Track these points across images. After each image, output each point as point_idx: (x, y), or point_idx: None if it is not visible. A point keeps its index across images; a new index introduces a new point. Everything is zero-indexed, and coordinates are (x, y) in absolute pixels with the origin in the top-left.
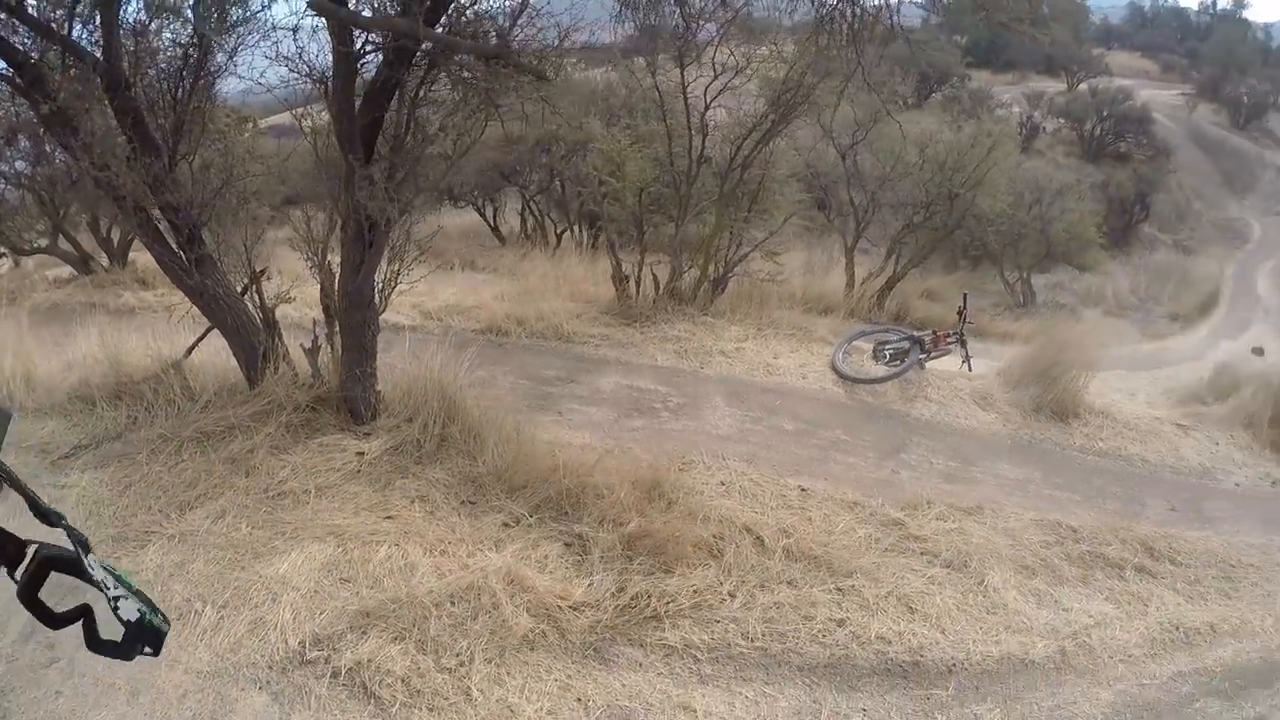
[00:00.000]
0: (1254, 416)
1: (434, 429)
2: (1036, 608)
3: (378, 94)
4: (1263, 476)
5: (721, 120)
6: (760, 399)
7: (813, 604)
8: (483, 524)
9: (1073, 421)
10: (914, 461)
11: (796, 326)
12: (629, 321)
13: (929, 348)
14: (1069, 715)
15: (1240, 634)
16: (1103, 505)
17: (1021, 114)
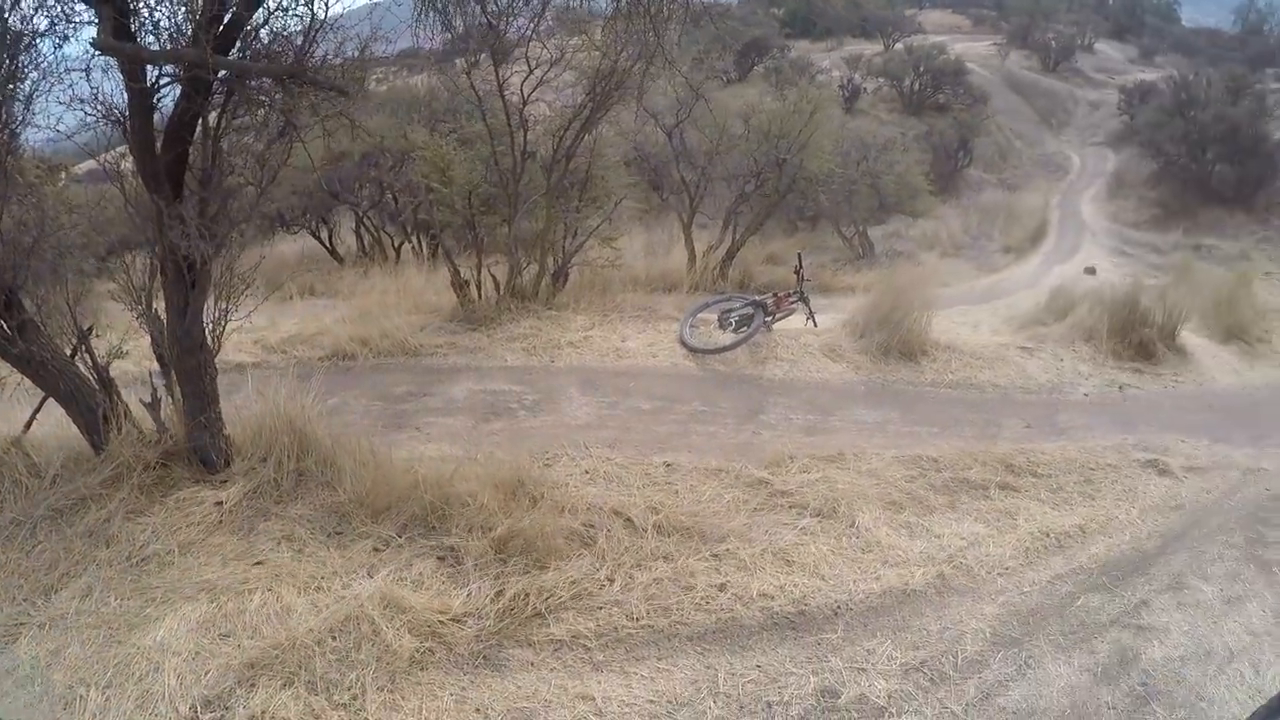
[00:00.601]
0: (1093, 330)
1: (289, 465)
2: (910, 539)
3: (179, 128)
4: (1109, 384)
5: (542, 114)
6: (614, 383)
7: (691, 574)
8: (352, 553)
9: (921, 360)
10: (773, 421)
11: (641, 308)
12: (474, 326)
13: (773, 310)
14: (957, 634)
15: (1108, 530)
16: (960, 434)
17: (842, 77)
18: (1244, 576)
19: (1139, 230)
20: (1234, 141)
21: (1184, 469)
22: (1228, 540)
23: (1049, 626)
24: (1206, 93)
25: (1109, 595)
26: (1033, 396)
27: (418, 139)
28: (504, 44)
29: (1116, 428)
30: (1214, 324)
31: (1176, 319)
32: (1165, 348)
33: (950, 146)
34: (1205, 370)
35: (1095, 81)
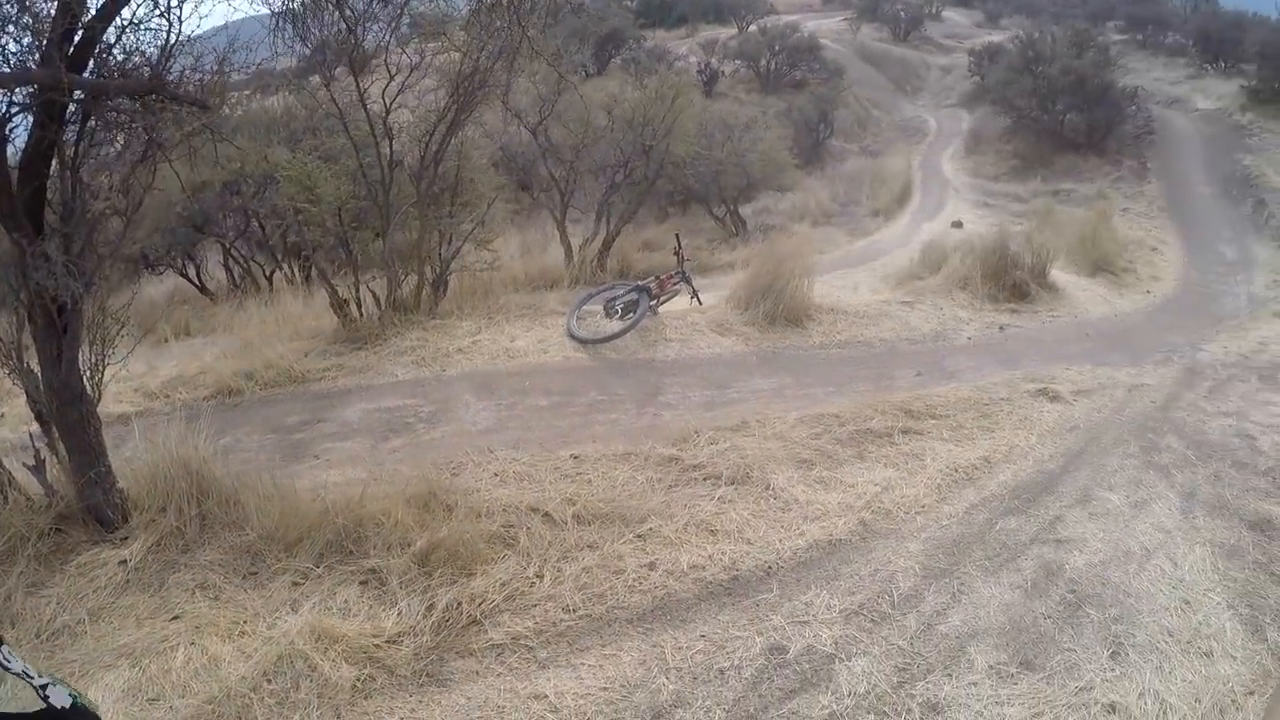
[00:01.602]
0: (967, 278)
1: (190, 511)
2: (825, 493)
3: (34, 160)
4: (989, 326)
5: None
6: (509, 384)
7: (619, 558)
8: (271, 590)
9: (807, 324)
10: (672, 401)
11: (526, 307)
12: (359, 345)
13: (656, 293)
14: (888, 574)
15: (1012, 457)
16: (856, 389)
17: (699, 63)
18: (1145, 482)
19: (999, 182)
20: (1081, 92)
21: (1073, 393)
22: (1125, 452)
23: (973, 553)
24: (1052, 49)
25: (1024, 517)
26: (919, 346)
27: (279, 159)
28: (363, 53)
29: (1003, 365)
30: (1080, 260)
31: (1045, 259)
32: (1038, 287)
33: (811, 120)
34: (1078, 303)
35: (945, 47)
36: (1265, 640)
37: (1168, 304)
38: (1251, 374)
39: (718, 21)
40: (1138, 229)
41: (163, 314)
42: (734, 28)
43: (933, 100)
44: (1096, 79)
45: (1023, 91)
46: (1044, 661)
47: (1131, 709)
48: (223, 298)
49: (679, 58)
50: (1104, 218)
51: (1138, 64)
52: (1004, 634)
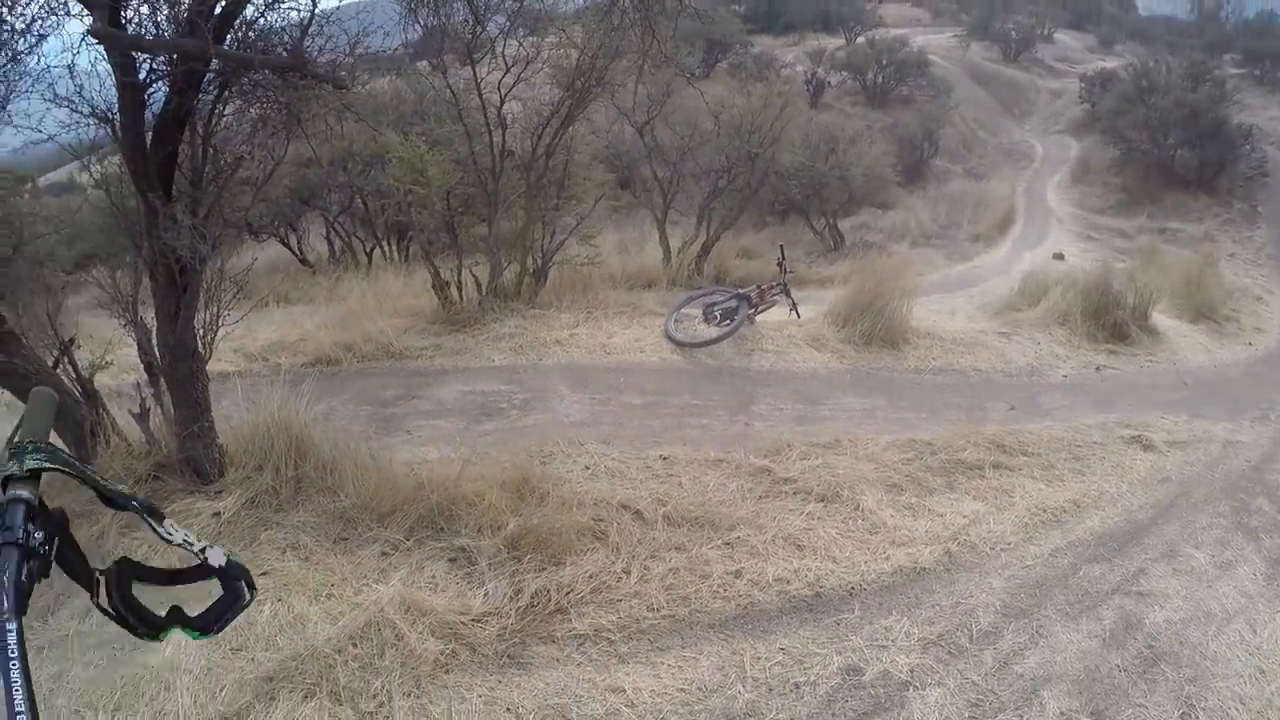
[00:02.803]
0: (1066, 314)
1: (287, 473)
2: (914, 520)
3: (170, 125)
4: (1085, 365)
5: (519, 113)
6: (604, 380)
7: (706, 562)
8: (361, 558)
9: (903, 347)
10: (764, 412)
11: (624, 304)
12: (458, 327)
13: (756, 302)
14: (969, 607)
15: (1101, 503)
16: (948, 417)
17: (806, 72)
18: (1233, 543)
19: (1104, 215)
20: (1194, 126)
21: (1167, 443)
22: (1215, 509)
23: (1055, 597)
24: (1166, 79)
25: (1108, 565)
26: (1014, 379)
27: (390, 142)
28: (481, 42)
29: (1097, 407)
30: (1183, 304)
31: (1147, 300)
32: (1138, 329)
33: (915, 138)
34: (1177, 349)
35: (1056, 71)
36: None
37: (1270, 357)
38: None
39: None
40: (1244, 276)
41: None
42: (842, 38)
43: (1040, 125)
44: (1211, 114)
45: (1134, 122)
46: (1115, 714)
47: None
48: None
49: (785, 65)
50: (1210, 261)
51: (1254, 100)
52: (1078, 681)
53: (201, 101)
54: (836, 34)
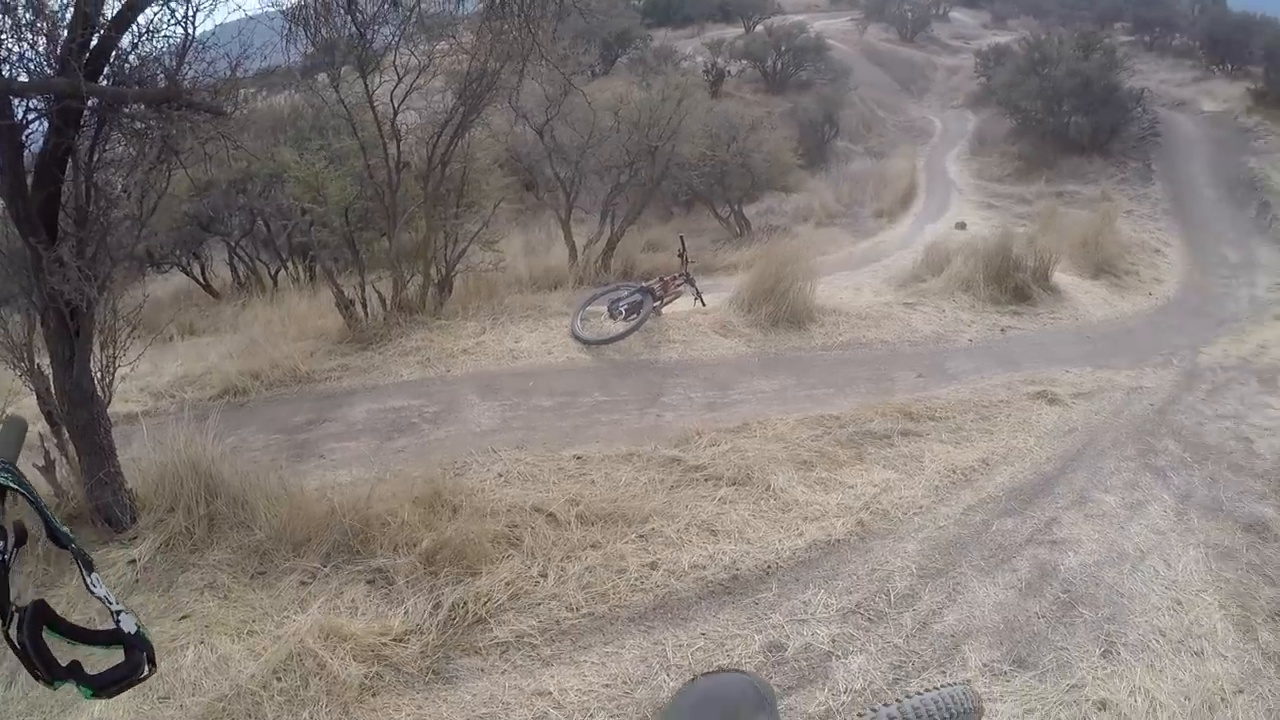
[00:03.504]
0: (969, 281)
1: (199, 512)
2: (825, 494)
3: (50, 165)
4: (990, 328)
5: (413, 123)
6: (513, 385)
7: (621, 557)
8: (279, 590)
9: (809, 326)
10: (674, 402)
11: (530, 307)
12: (365, 345)
13: (660, 294)
14: (885, 573)
15: (1010, 459)
16: (857, 390)
17: (706, 62)
18: (1142, 484)
19: (1003, 184)
20: (1087, 93)
21: (1072, 396)
22: (1122, 454)
23: (970, 554)
24: (1058, 50)
25: (1020, 518)
26: (920, 348)
27: (287, 160)
28: (371, 54)
29: (1003, 367)
30: (1083, 262)
31: (1047, 261)
32: (1040, 289)
33: (816, 121)
34: (1080, 305)
35: (952, 48)
36: (1256, 640)
37: (1169, 307)
38: (1251, 377)
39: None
40: (1141, 231)
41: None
42: (741, 27)
43: (938, 101)
44: (1102, 81)
45: (1028, 93)
46: (1037, 660)
47: (1122, 706)
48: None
49: (685, 57)
50: (1108, 220)
51: (1144, 66)
52: (998, 633)
53: (81, 139)
54: (735, 23)
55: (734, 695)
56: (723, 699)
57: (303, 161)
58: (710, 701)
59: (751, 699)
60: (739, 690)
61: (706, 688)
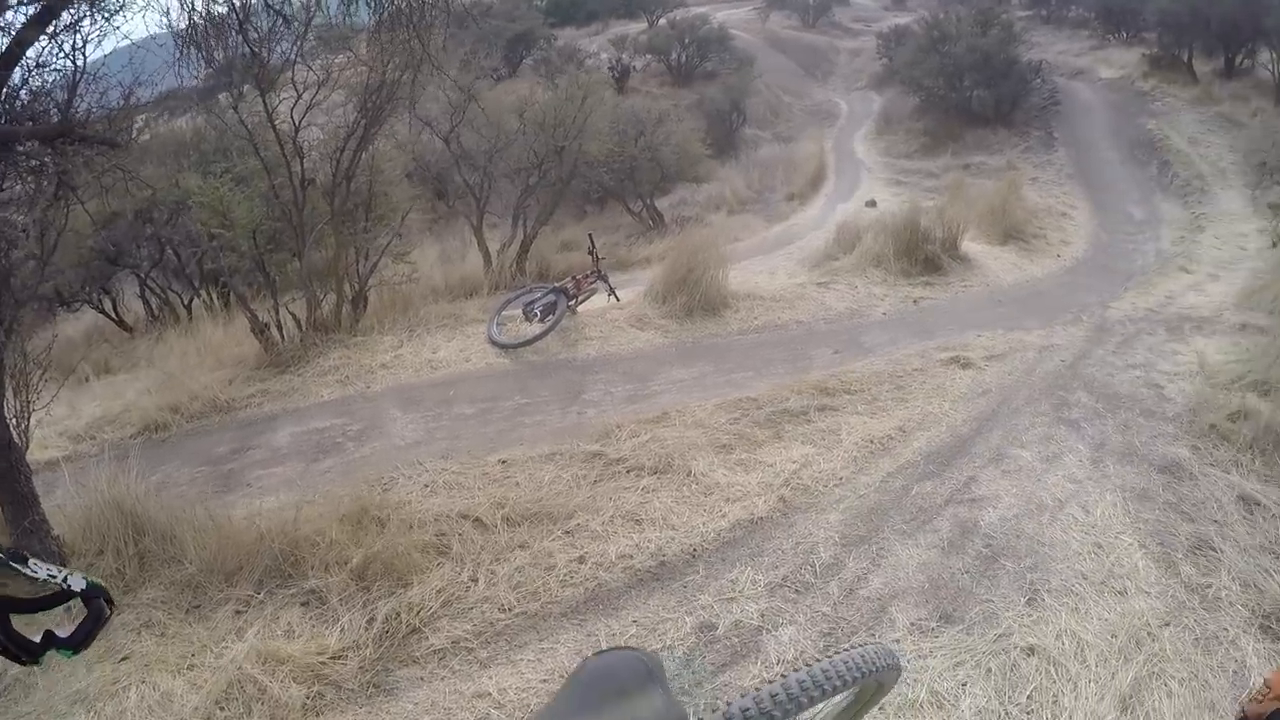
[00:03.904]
0: (880, 256)
1: (128, 551)
2: (746, 474)
3: None
4: (903, 300)
5: (316, 139)
6: (434, 396)
7: (549, 555)
8: (215, 622)
9: (725, 312)
10: (595, 398)
11: (447, 316)
12: (283, 368)
13: (574, 293)
14: (809, 545)
15: (926, 425)
16: (774, 372)
17: (611, 59)
18: (1057, 437)
19: (911, 160)
20: (987, 68)
21: (984, 359)
22: (1036, 410)
23: (891, 519)
24: (957, 28)
25: (938, 480)
26: (836, 325)
27: (191, 185)
28: (269, 72)
29: (917, 337)
30: (991, 230)
31: (955, 231)
32: (950, 259)
33: (723, 111)
34: (990, 272)
35: (853, 31)
36: (1178, 574)
37: (1078, 266)
38: (1159, 326)
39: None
40: (1047, 196)
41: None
42: (644, 22)
43: (843, 84)
44: (1001, 55)
45: (930, 71)
46: (963, 614)
47: (1050, 650)
48: (142, 331)
49: (590, 55)
50: (1013, 187)
51: (1042, 38)
52: (923, 592)
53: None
54: (639, 19)
55: (623, 672)
56: (613, 676)
57: (207, 186)
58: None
59: (640, 673)
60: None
61: (596, 667)
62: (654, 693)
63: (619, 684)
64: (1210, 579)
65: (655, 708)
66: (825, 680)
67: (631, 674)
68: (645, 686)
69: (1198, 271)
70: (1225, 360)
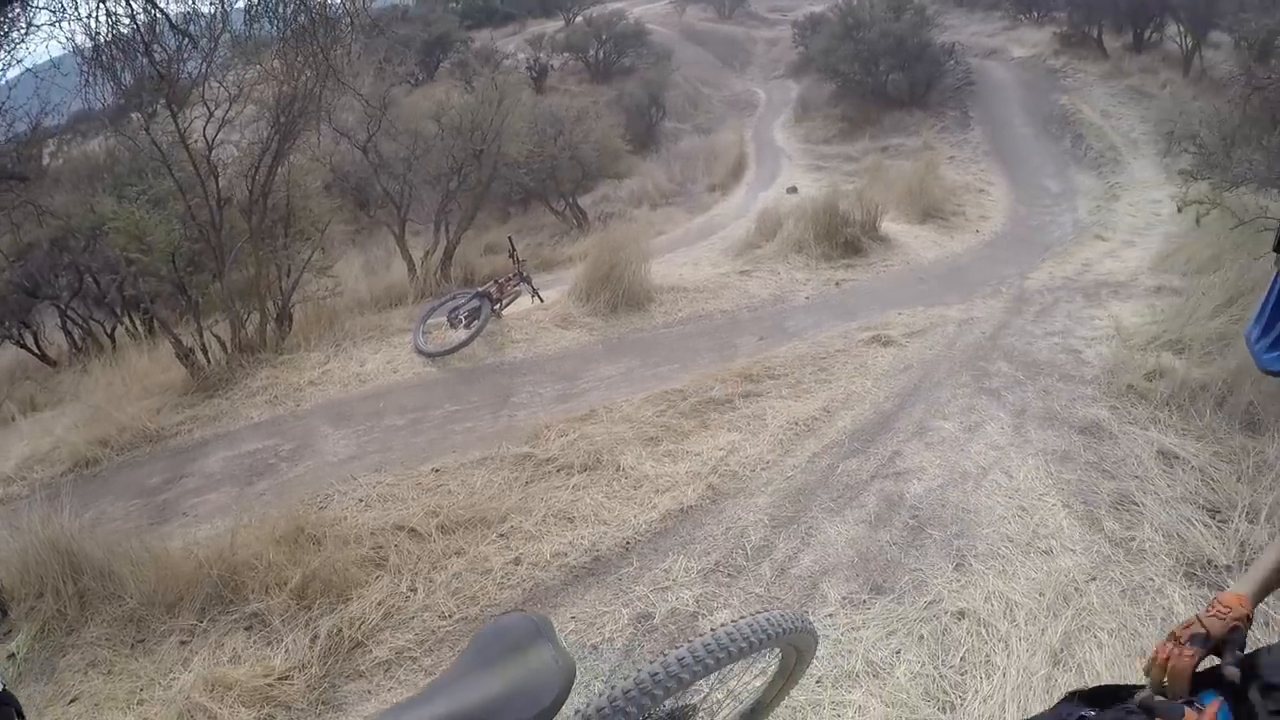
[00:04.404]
0: (802, 241)
1: (68, 592)
2: (674, 465)
3: None
4: (826, 283)
5: (231, 156)
6: (364, 409)
7: (485, 559)
8: (161, 654)
9: (649, 306)
10: (524, 400)
11: (373, 328)
12: (211, 393)
13: (498, 297)
14: (739, 529)
15: (849, 404)
16: (700, 362)
17: (528, 59)
18: (978, 407)
19: (830, 145)
20: (901, 52)
21: (905, 336)
22: (957, 382)
23: (819, 498)
24: (870, 14)
25: (864, 457)
26: (760, 312)
27: (106, 210)
28: (179, 90)
29: (840, 319)
30: (910, 210)
31: (875, 213)
32: (870, 240)
33: (642, 105)
34: (911, 250)
35: (769, 21)
36: (1102, 530)
37: (997, 240)
38: (1076, 294)
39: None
40: (965, 174)
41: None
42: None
43: (761, 73)
44: (915, 38)
45: (845, 57)
46: (893, 584)
47: (979, 612)
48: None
49: (507, 56)
50: (930, 167)
51: (955, 21)
52: (853, 566)
53: None
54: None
55: (515, 631)
56: (506, 635)
57: (122, 210)
58: (497, 639)
59: (530, 631)
60: (519, 626)
61: (492, 629)
62: (543, 646)
63: (512, 641)
64: (1133, 532)
65: (544, 659)
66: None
67: (522, 632)
68: (535, 641)
69: (1113, 239)
70: (1141, 322)
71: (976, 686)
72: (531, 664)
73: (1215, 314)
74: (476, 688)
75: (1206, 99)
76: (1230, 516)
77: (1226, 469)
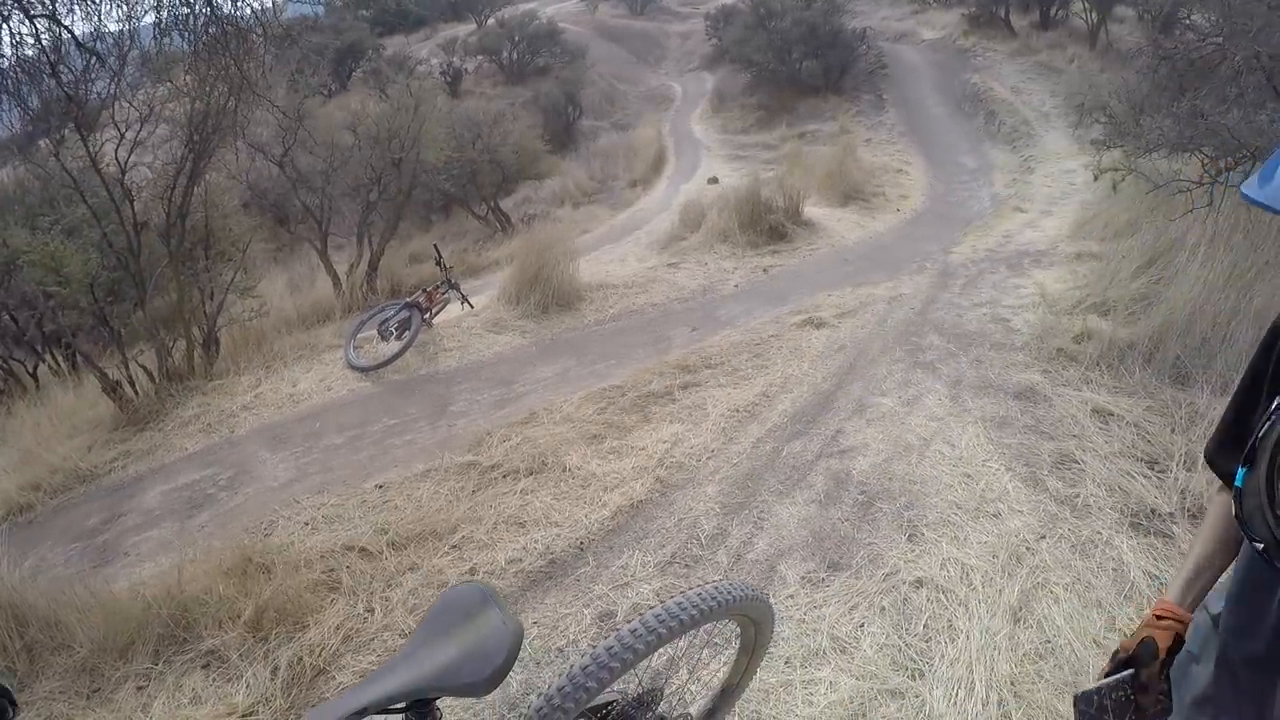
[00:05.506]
0: (726, 231)
1: (14, 646)
2: (620, 461)
3: None
4: (753, 270)
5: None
6: (300, 430)
7: (440, 571)
8: (118, 702)
9: (580, 305)
10: (463, 409)
11: (303, 347)
12: (142, 426)
13: (426, 306)
14: (692, 520)
15: (788, 387)
16: (635, 357)
17: (442, 64)
18: (914, 381)
19: (748, 134)
20: (814, 39)
21: (836, 317)
22: (892, 358)
23: (767, 482)
24: (782, 3)
25: (807, 438)
26: (690, 304)
27: (19, 243)
28: (88, 113)
29: (770, 304)
30: (831, 193)
31: (797, 198)
32: (794, 225)
33: (559, 105)
34: (834, 233)
35: (681, 15)
36: (1046, 490)
37: (918, 218)
38: (1000, 265)
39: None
40: (883, 155)
41: None
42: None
43: (675, 67)
44: (827, 26)
45: (759, 47)
46: (849, 560)
47: (936, 579)
48: None
49: (421, 62)
50: (848, 150)
51: (865, 7)
52: (808, 545)
53: None
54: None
55: (464, 600)
56: (457, 605)
57: (36, 242)
58: (449, 609)
59: (478, 599)
60: (468, 595)
61: (444, 600)
62: (491, 612)
63: (463, 610)
64: (1077, 489)
65: (493, 623)
66: (681, 611)
67: (471, 601)
68: (484, 608)
69: (1031, 210)
70: (1065, 288)
71: (942, 651)
72: (482, 629)
73: (1136, 275)
74: (434, 655)
75: (1114, 71)
76: (1168, 466)
77: (1160, 422)
